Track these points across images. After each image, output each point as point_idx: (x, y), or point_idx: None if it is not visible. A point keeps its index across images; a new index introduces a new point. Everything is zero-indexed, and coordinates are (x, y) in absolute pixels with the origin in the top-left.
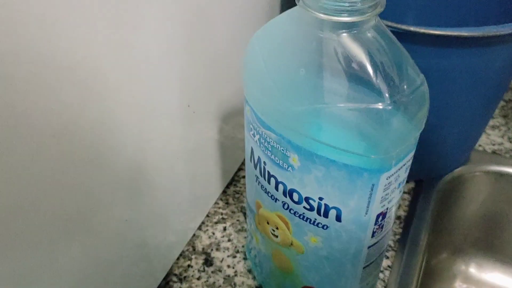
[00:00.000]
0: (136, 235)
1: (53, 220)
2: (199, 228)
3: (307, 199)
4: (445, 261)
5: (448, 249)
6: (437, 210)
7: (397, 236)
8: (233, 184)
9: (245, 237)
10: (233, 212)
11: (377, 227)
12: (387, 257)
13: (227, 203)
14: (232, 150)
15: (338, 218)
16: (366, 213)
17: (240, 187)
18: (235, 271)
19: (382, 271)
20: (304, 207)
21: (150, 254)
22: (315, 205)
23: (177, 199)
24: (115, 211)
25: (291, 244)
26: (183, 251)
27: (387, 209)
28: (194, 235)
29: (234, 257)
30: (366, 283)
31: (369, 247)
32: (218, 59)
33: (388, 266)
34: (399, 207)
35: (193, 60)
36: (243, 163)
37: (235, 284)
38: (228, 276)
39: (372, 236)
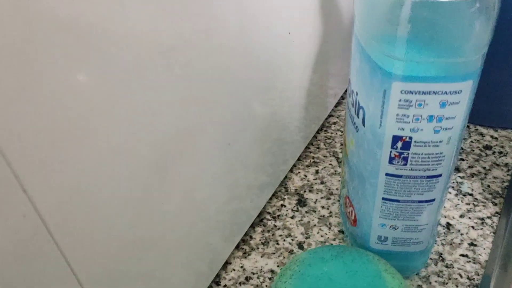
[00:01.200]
0: (227, 175)
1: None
2: (291, 170)
3: (352, 92)
4: None
5: None
6: None
7: (505, 183)
8: (323, 130)
9: (339, 181)
10: (325, 156)
11: (396, 153)
12: (495, 204)
13: (318, 147)
14: (321, 98)
15: (363, 121)
16: (380, 125)
17: (331, 133)
18: (330, 212)
19: (490, 217)
20: (350, 101)
21: (242, 193)
22: (354, 99)
23: (266, 143)
24: (220, 135)
25: (345, 143)
26: (275, 192)
27: (409, 138)
28: (286, 177)
29: (328, 199)
30: (390, 227)
31: (387, 174)
32: None
33: (496, 213)
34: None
35: None
36: (333, 110)
37: (330, 224)
38: (323, 216)
39: (390, 162)
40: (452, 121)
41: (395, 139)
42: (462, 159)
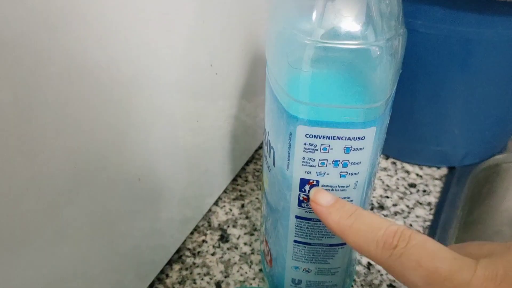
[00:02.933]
0: (147, 206)
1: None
2: (216, 204)
3: (265, 131)
4: None
5: None
6: (469, 201)
7: (427, 223)
8: (253, 162)
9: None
10: (252, 189)
11: (305, 196)
12: None
13: (246, 180)
14: (252, 129)
15: (274, 162)
16: (288, 167)
17: (261, 166)
18: (252, 249)
19: None
20: (264, 140)
21: (163, 227)
22: (266, 139)
23: (193, 174)
24: (128, 170)
25: (262, 180)
26: (197, 226)
27: (316, 182)
28: (210, 210)
29: (252, 234)
30: (304, 269)
31: (297, 216)
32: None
33: None
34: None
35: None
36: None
37: (251, 262)
38: (245, 253)
39: (299, 205)
40: (357, 166)
41: (303, 182)
42: (387, 197)
